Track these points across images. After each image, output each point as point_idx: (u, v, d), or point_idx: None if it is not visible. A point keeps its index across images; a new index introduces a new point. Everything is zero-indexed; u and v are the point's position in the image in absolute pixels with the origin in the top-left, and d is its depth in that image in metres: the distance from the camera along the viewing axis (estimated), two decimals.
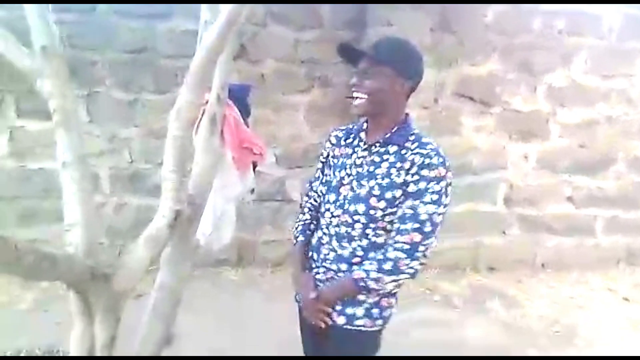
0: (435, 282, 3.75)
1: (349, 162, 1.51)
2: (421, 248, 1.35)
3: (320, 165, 1.66)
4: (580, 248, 4.11)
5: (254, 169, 2.18)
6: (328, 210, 1.53)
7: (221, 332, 2.84)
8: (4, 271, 0.99)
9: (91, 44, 3.33)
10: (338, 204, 1.49)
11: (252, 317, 3.09)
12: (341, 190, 1.49)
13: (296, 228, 1.72)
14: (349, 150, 1.54)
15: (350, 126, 1.63)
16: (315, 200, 1.68)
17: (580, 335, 3.14)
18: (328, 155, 1.62)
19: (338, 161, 1.55)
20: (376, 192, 1.40)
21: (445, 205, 1.38)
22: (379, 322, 1.51)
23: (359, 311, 1.49)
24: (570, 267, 4.06)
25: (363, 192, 1.43)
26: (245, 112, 2.22)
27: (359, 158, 1.49)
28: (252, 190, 2.44)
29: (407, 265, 1.36)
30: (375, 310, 1.50)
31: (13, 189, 3.49)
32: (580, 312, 3.46)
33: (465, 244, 3.96)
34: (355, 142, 1.54)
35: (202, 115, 1.65)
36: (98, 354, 1.38)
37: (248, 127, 2.17)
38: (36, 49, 1.37)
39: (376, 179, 1.42)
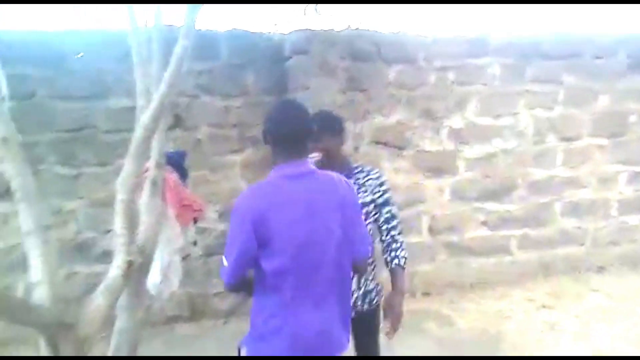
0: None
1: None
2: (401, 228, 2.21)
3: None
4: (500, 266, 4.60)
5: (195, 224, 2.47)
6: None
7: None
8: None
9: (31, 127, 3.54)
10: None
11: None
12: None
13: None
14: None
15: None
16: None
17: (506, 340, 3.54)
18: None
19: None
20: None
21: None
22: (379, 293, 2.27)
23: (372, 295, 2.22)
24: (494, 284, 4.52)
25: None
26: (183, 175, 2.54)
27: None
28: (195, 243, 2.71)
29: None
30: (379, 288, 2.26)
31: None
32: (505, 322, 3.88)
33: None
34: None
35: (145, 180, 1.95)
36: None
37: (187, 188, 2.49)
38: None
39: None
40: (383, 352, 2.41)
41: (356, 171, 2.16)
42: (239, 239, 1.60)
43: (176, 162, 2.34)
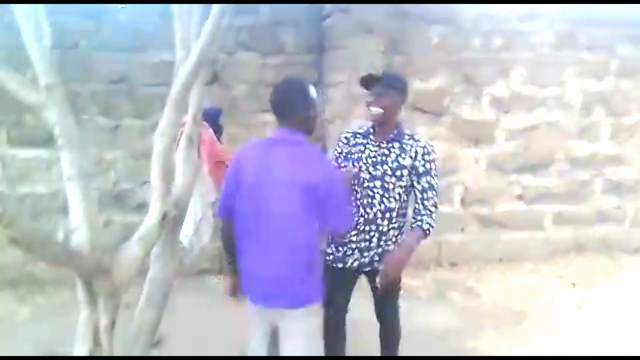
0: (403, 278, 4.07)
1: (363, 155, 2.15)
2: (438, 204, 2.13)
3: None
4: (532, 241, 4.52)
5: None
6: (353, 189, 2.16)
7: (205, 332, 3.11)
8: (34, 255, 1.31)
9: (74, 77, 3.61)
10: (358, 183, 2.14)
11: (235, 317, 3.35)
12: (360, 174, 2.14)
13: None
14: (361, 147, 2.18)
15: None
16: None
17: (530, 316, 3.50)
18: (342, 152, 2.23)
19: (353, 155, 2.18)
20: (389, 172, 2.10)
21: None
22: None
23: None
24: (524, 259, 4.45)
25: (378, 172, 2.10)
26: (218, 131, 2.56)
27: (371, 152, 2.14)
28: None
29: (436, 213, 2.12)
30: None
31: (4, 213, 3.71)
32: (531, 297, 3.83)
33: (429, 242, 4.29)
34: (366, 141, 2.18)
35: (182, 134, 1.98)
36: (101, 335, 1.66)
37: (222, 144, 2.51)
38: (41, 86, 1.69)
39: (388, 163, 2.10)
40: (402, 317, 2.44)
41: (406, 137, 2.17)
42: (225, 182, 1.92)
43: (212, 118, 2.36)
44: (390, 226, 2.17)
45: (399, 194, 2.15)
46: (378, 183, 2.12)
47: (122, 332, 1.73)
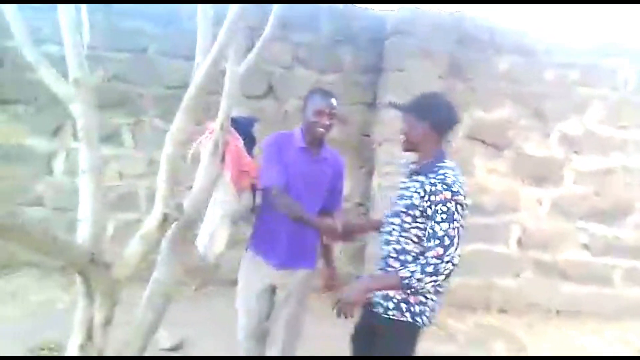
0: (444, 319, 3.79)
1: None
2: (446, 258, 1.65)
3: None
4: (598, 297, 4.05)
5: (254, 192, 2.46)
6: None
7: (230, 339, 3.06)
8: (28, 247, 1.32)
9: (139, 80, 3.80)
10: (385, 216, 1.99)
11: None
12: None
13: None
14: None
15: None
16: None
17: None
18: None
19: None
20: (403, 210, 1.83)
21: (457, 221, 1.69)
22: (408, 314, 1.84)
23: (390, 304, 1.86)
24: (586, 315, 3.99)
25: (398, 209, 1.87)
26: (250, 141, 2.52)
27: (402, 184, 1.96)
28: (252, 209, 2.71)
29: (442, 268, 1.65)
30: (403, 305, 1.84)
31: (65, 202, 3.96)
32: None
33: (477, 283, 4.01)
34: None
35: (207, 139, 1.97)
36: (95, 331, 1.65)
37: (252, 154, 2.47)
38: (70, 80, 1.74)
39: (405, 199, 1.85)
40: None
41: (435, 169, 1.79)
42: None
43: (243, 127, 2.33)
44: (401, 270, 1.74)
45: (419, 237, 1.80)
46: (397, 220, 1.86)
47: (120, 330, 1.72)
